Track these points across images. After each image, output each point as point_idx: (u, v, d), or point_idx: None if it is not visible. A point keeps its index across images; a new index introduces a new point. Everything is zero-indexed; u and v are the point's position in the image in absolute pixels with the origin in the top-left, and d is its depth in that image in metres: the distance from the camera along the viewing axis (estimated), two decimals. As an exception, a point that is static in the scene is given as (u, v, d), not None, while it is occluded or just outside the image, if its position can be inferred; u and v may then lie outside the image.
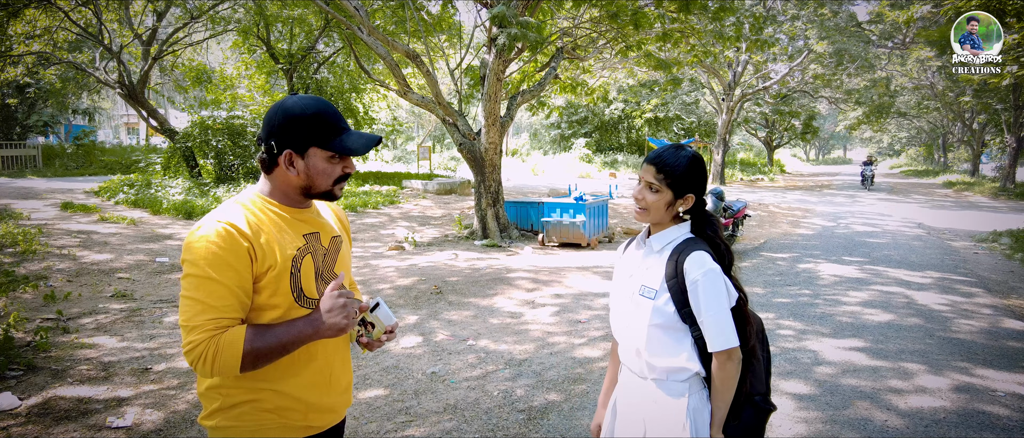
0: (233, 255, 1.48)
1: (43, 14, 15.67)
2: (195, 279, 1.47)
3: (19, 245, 8.45)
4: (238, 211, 1.56)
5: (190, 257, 1.49)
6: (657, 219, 1.87)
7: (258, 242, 1.52)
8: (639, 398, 1.88)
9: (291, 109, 1.56)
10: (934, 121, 40.91)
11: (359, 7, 9.63)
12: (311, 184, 1.61)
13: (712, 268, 1.76)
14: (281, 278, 1.55)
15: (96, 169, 20.36)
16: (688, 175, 1.82)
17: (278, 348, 1.52)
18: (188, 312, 1.47)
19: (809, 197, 21.68)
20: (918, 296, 7.14)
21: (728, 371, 1.77)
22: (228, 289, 1.48)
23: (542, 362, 4.86)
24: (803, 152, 75.05)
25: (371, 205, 14.51)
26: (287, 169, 1.59)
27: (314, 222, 1.70)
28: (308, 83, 19.07)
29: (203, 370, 1.47)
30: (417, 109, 37.09)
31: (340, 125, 1.60)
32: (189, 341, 1.46)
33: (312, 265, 1.64)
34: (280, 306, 1.57)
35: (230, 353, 1.46)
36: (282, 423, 1.62)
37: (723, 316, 1.76)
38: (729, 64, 25.61)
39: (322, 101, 1.61)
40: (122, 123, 47.74)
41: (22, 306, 6.18)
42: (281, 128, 1.56)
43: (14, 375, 4.44)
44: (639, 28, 10.48)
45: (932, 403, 4.10)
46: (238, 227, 1.50)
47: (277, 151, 1.57)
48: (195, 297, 1.46)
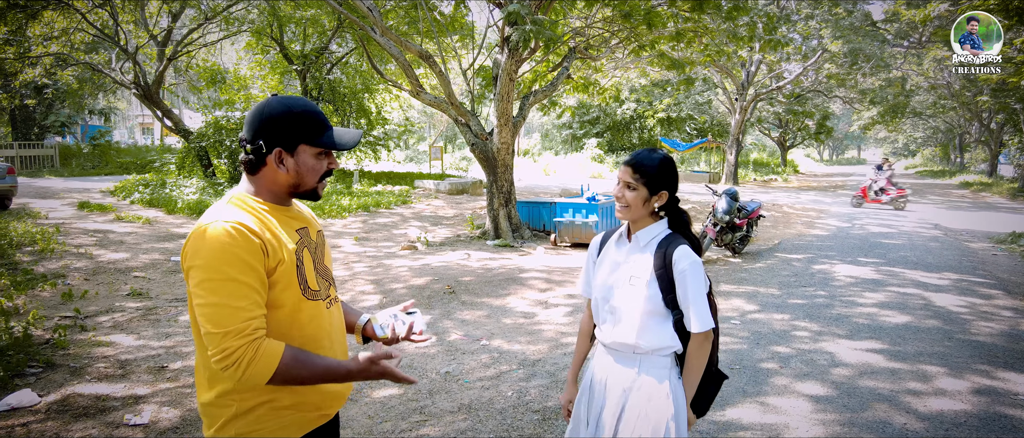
0: (249, 253, 1.47)
1: (61, 16, 15.84)
2: (215, 282, 1.45)
3: (37, 244, 8.56)
4: (238, 210, 1.56)
5: (203, 261, 1.46)
6: (636, 215, 2.07)
7: (266, 238, 1.53)
8: (622, 375, 2.07)
9: (279, 108, 1.58)
10: (950, 121, 40.47)
11: (372, 7, 9.65)
12: (300, 181, 1.63)
13: (696, 260, 2.00)
14: (290, 273, 1.57)
15: (112, 169, 20.57)
16: (660, 174, 2.04)
17: (310, 379, 1.54)
18: (214, 318, 1.44)
19: (823, 198, 21.50)
20: (936, 298, 7.05)
21: (704, 349, 2.03)
22: (252, 287, 1.47)
23: (556, 362, 4.84)
24: (817, 152, 74.48)
25: (384, 205, 14.55)
26: (277, 167, 1.60)
27: (301, 217, 1.74)
28: (321, 83, 19.16)
29: (234, 374, 1.46)
30: (429, 109, 37.16)
31: (326, 122, 1.64)
32: (224, 347, 1.43)
33: (310, 258, 1.67)
34: (288, 303, 1.58)
35: (266, 364, 1.46)
36: (300, 417, 1.63)
37: (704, 302, 1.99)
38: (742, 64, 25.45)
39: (306, 100, 1.65)
40: (137, 123, 48.22)
41: (41, 304, 6.25)
42: (270, 127, 1.57)
43: (33, 372, 4.48)
44: (652, 27, 10.43)
45: (952, 406, 4.05)
46: (247, 225, 1.50)
47: (267, 150, 1.58)
48: (220, 302, 1.44)
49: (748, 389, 4.30)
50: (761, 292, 7.32)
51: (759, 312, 6.40)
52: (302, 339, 1.62)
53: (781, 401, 4.10)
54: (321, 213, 12.82)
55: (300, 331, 1.61)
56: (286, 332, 1.59)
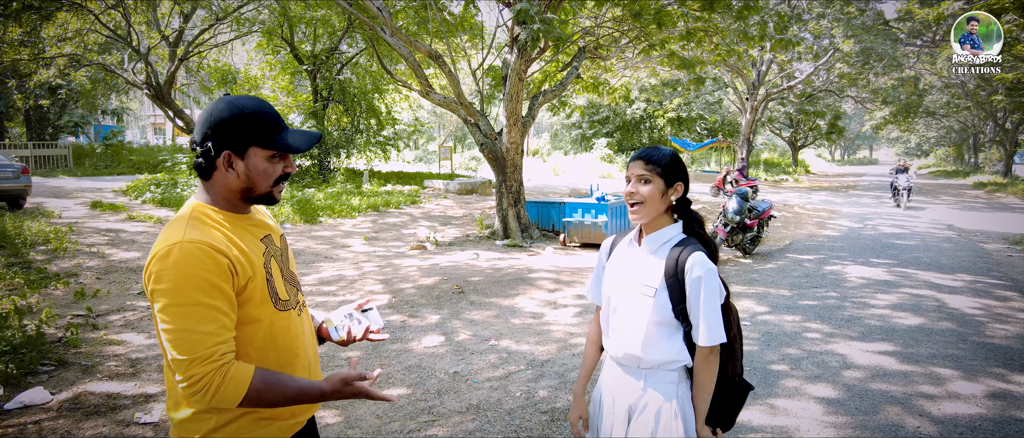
0: (217, 274, 1.41)
1: (74, 17, 16.01)
2: (181, 308, 1.38)
3: (51, 243, 8.64)
4: (203, 227, 1.48)
5: (168, 286, 1.39)
6: (652, 213, 1.93)
7: (234, 255, 1.46)
8: (628, 390, 1.95)
9: (226, 109, 1.50)
10: (965, 120, 40.05)
11: (382, 8, 9.67)
12: (252, 185, 1.54)
13: (711, 268, 1.84)
14: (261, 287, 1.52)
15: (124, 169, 20.73)
16: (673, 165, 1.92)
17: (281, 402, 1.49)
18: (184, 344, 1.37)
19: (835, 198, 21.34)
20: (949, 299, 6.97)
21: (711, 364, 1.87)
22: (220, 311, 1.42)
23: (565, 363, 4.82)
24: (828, 152, 73.91)
25: (393, 205, 14.58)
26: (226, 171, 1.51)
27: (262, 224, 1.66)
28: (331, 84, 19.23)
29: (201, 400, 1.40)
30: (439, 109, 37.23)
31: (279, 123, 1.55)
32: (192, 374, 1.37)
33: (277, 268, 1.61)
34: (263, 318, 1.53)
35: (234, 388, 1.41)
36: (279, 425, 1.60)
37: (716, 315, 1.84)
38: (753, 63, 25.30)
39: (260, 100, 1.56)
40: (149, 123, 48.62)
41: (53, 302, 6.30)
42: (219, 128, 1.49)
43: (46, 370, 4.52)
44: (662, 27, 10.38)
45: (967, 410, 3.99)
46: (213, 244, 1.43)
47: (215, 153, 1.50)
48: (187, 328, 1.38)
49: (758, 391, 4.26)
50: (772, 293, 7.27)
51: (770, 313, 6.35)
52: (278, 352, 1.57)
53: (791, 403, 4.07)
54: (331, 213, 12.86)
55: (274, 344, 1.56)
56: (262, 347, 1.54)
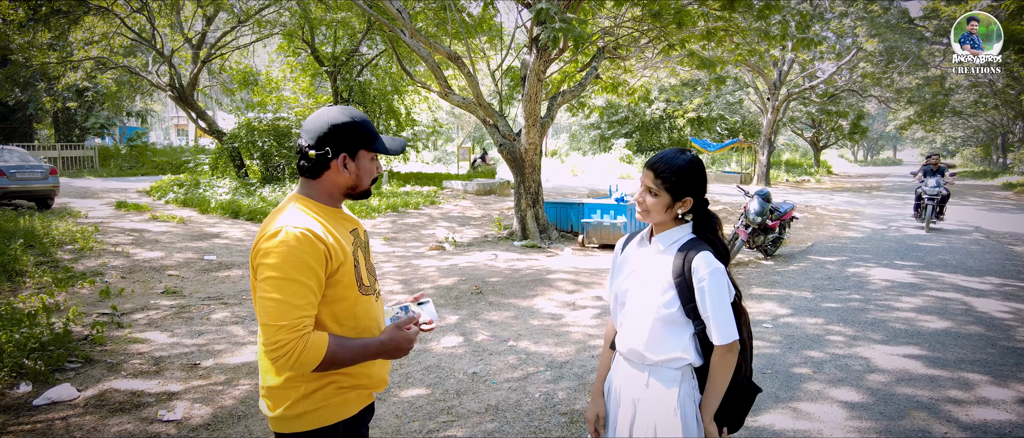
0: (314, 258, 1.65)
1: (101, 21, 16.29)
2: (278, 281, 1.61)
3: (77, 242, 8.80)
4: (307, 217, 1.72)
5: (272, 261, 1.63)
6: (658, 220, 1.96)
7: (330, 243, 1.70)
8: (633, 383, 1.99)
9: (344, 117, 1.78)
10: (993, 120, 39.23)
11: (402, 9, 9.71)
12: (358, 183, 1.84)
13: (718, 267, 1.86)
14: (349, 272, 1.76)
15: (148, 169, 21.08)
16: (686, 179, 1.90)
17: (350, 361, 1.74)
18: (274, 312, 1.61)
19: (858, 199, 21.02)
20: (978, 303, 6.82)
21: (728, 362, 1.89)
22: (309, 289, 1.64)
23: (584, 365, 4.80)
24: (851, 153, 72.86)
25: (412, 205, 14.65)
26: (341, 170, 1.79)
27: (350, 219, 1.93)
28: (351, 85, 19.36)
29: (284, 365, 1.62)
30: (457, 110, 37.32)
31: (376, 132, 1.86)
32: (276, 339, 1.60)
33: (363, 256, 1.87)
34: (349, 297, 1.77)
35: (314, 353, 1.63)
36: (356, 395, 1.84)
37: (726, 312, 1.85)
38: (774, 63, 24.98)
39: (359, 112, 1.86)
40: (172, 125, 49.36)
41: (80, 301, 6.42)
42: (336, 134, 1.76)
43: (73, 367, 4.61)
44: (682, 26, 10.31)
45: (996, 416, 3.90)
46: (314, 232, 1.67)
47: (333, 155, 1.76)
48: (283, 299, 1.61)
49: (780, 395, 4.20)
50: (794, 295, 7.17)
51: (792, 316, 6.26)
52: (358, 330, 1.80)
53: (814, 407, 4.00)
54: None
55: (356, 323, 1.79)
56: (345, 323, 1.77)
